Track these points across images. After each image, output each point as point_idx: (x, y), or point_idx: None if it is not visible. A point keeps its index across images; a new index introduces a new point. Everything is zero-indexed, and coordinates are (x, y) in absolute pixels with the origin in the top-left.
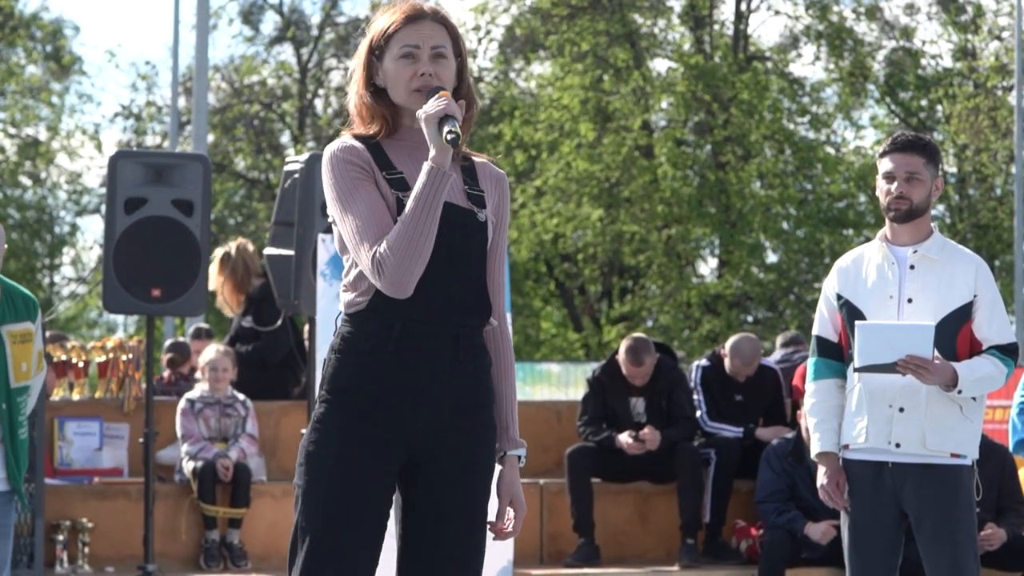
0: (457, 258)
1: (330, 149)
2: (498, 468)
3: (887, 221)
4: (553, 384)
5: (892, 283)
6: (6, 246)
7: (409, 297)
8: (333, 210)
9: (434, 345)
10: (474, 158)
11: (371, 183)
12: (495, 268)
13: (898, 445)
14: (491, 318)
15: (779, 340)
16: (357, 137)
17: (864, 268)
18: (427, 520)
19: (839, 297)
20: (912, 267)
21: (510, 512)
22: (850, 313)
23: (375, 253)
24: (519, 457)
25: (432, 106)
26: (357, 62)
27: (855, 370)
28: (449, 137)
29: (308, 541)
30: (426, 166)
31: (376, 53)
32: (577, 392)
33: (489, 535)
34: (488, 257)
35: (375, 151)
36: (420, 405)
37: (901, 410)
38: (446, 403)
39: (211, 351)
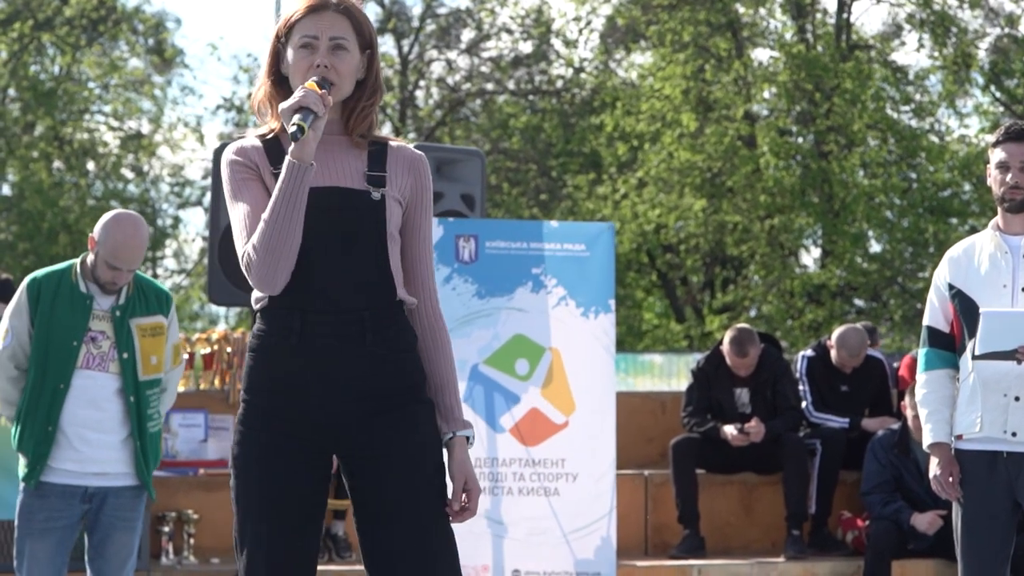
0: (350, 242)
1: (224, 151)
2: (447, 450)
3: (999, 210)
4: (656, 375)
5: (1005, 272)
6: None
7: (307, 287)
8: (229, 212)
9: (337, 333)
10: (390, 142)
11: (257, 182)
12: (414, 247)
13: (1014, 434)
14: (400, 296)
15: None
16: (259, 136)
17: (976, 257)
18: (377, 510)
19: (951, 287)
20: None
21: (465, 495)
22: (962, 303)
23: (244, 252)
24: (467, 437)
25: (290, 99)
26: (266, 51)
27: (974, 357)
28: (291, 129)
29: (246, 542)
30: (286, 161)
31: (282, 42)
32: (680, 383)
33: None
34: (392, 238)
35: (271, 146)
36: (331, 396)
37: (1017, 399)
38: (359, 391)
39: None
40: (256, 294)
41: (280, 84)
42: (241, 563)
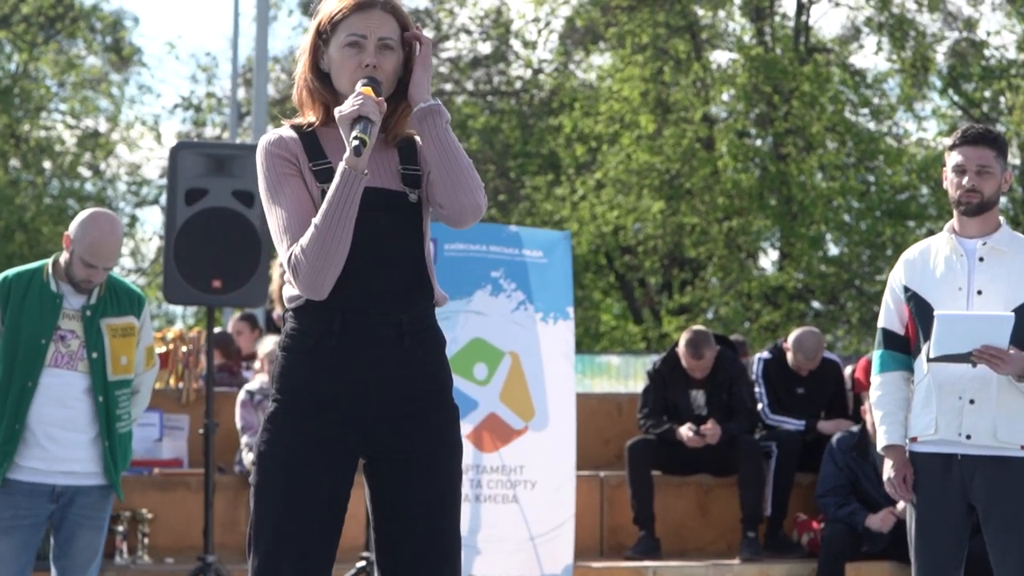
0: (390, 243)
1: (262, 141)
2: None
3: (955, 214)
4: (613, 377)
5: (961, 275)
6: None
7: (348, 288)
8: (264, 204)
9: (377, 335)
10: (416, 136)
11: (298, 177)
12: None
13: (969, 437)
14: (436, 298)
15: None
16: (294, 127)
17: (932, 260)
18: (398, 510)
19: (906, 289)
20: (981, 259)
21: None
22: (918, 305)
23: (291, 255)
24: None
25: (348, 106)
26: (304, 46)
27: (929, 360)
28: (354, 143)
29: (265, 540)
30: (340, 167)
31: (323, 38)
32: (637, 385)
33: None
34: (426, 239)
35: (309, 140)
36: (369, 397)
37: (972, 402)
38: (396, 392)
39: (270, 343)
40: (292, 293)
41: (322, 80)
42: (257, 560)
